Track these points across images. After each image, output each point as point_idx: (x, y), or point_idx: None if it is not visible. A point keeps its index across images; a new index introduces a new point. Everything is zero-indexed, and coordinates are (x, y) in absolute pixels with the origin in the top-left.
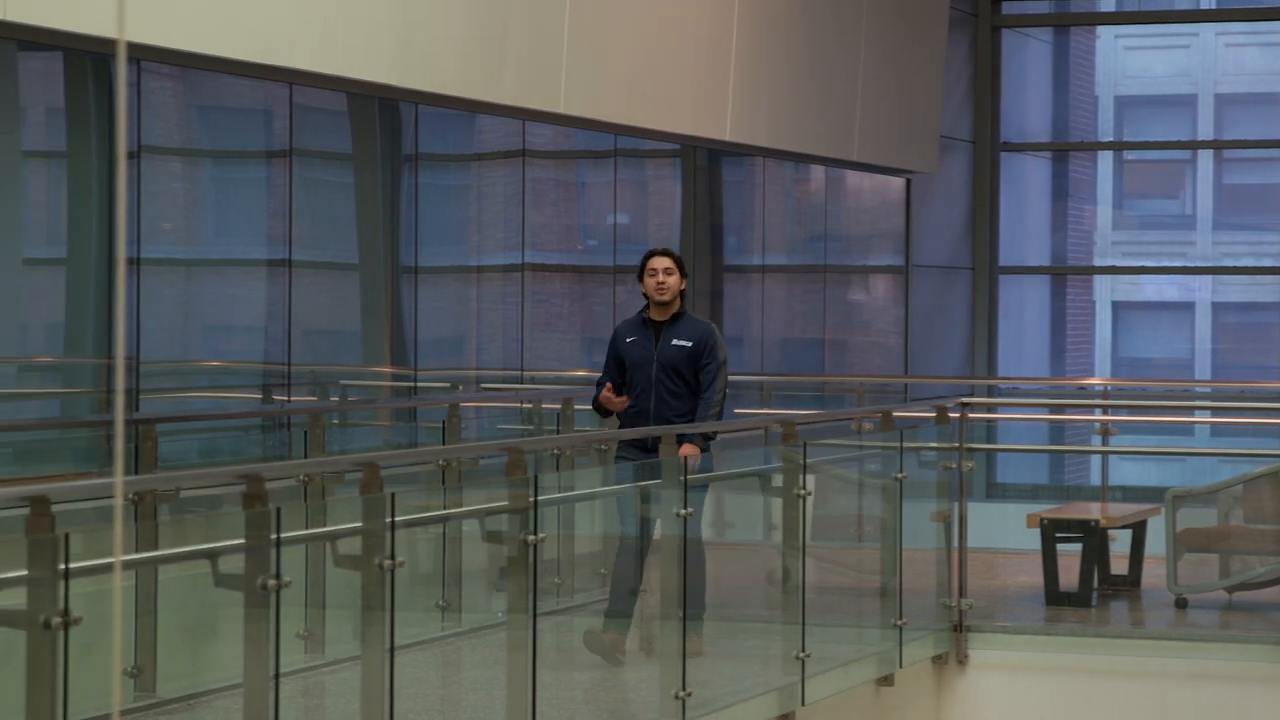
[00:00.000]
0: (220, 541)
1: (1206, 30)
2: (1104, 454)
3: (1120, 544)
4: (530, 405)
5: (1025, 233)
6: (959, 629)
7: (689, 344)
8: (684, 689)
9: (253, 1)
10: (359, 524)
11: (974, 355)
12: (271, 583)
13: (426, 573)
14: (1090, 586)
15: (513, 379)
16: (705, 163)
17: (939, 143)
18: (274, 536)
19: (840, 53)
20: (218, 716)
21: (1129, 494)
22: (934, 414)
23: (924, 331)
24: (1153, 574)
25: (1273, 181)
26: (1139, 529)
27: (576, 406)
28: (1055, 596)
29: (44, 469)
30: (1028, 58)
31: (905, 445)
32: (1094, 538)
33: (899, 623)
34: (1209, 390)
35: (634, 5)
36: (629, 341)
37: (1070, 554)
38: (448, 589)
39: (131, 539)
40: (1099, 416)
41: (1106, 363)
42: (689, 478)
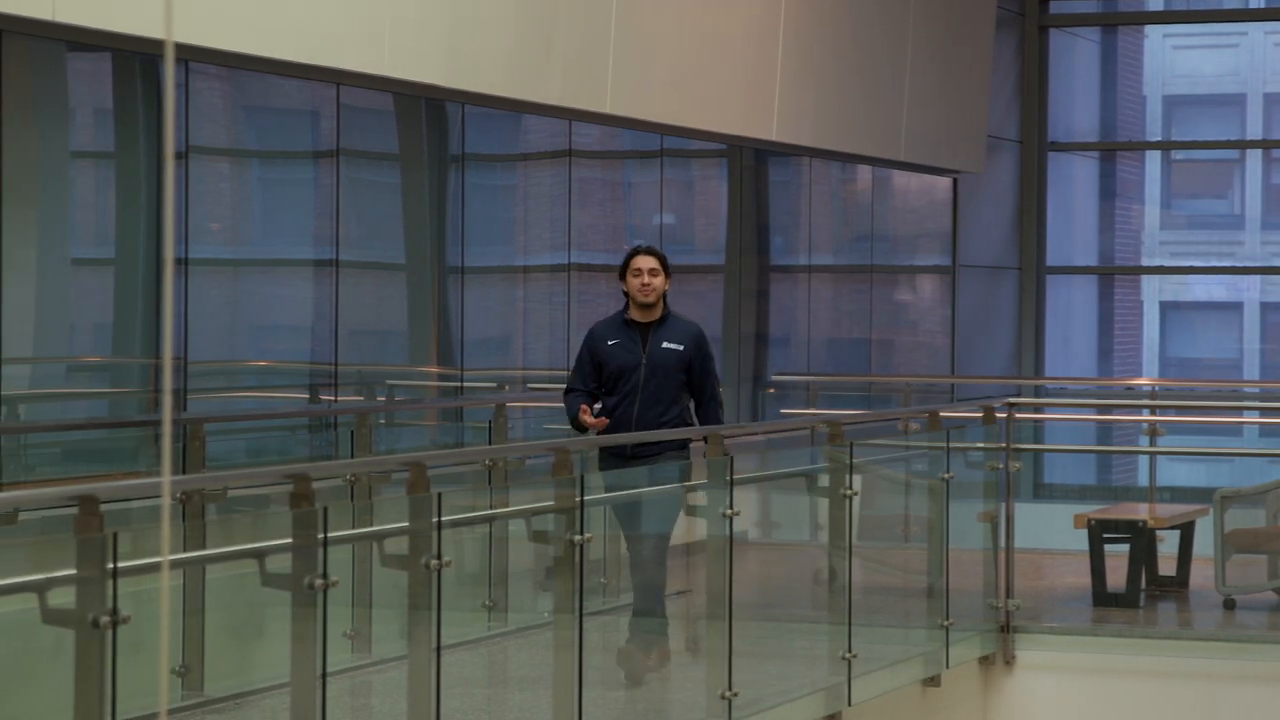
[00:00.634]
0: (267, 541)
1: (1255, 29)
2: (1152, 454)
3: (1168, 545)
4: None
5: (1073, 233)
6: (1006, 630)
7: (680, 347)
8: (730, 689)
9: (300, 2)
10: (406, 524)
11: (1021, 355)
12: (319, 582)
13: (473, 572)
14: (1138, 587)
15: (559, 379)
16: (751, 163)
17: (986, 142)
18: (321, 536)
19: (887, 52)
20: (265, 715)
21: (1177, 494)
22: (980, 414)
23: (970, 332)
24: (1201, 575)
25: None
26: (1187, 530)
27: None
28: (1103, 597)
29: (92, 469)
30: (1075, 57)
31: (952, 445)
32: (1141, 538)
33: (946, 623)
34: (1257, 390)
35: (681, 5)
36: (611, 344)
37: (1118, 555)
38: (494, 589)
39: (179, 538)
40: (1147, 417)
41: (1154, 363)
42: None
